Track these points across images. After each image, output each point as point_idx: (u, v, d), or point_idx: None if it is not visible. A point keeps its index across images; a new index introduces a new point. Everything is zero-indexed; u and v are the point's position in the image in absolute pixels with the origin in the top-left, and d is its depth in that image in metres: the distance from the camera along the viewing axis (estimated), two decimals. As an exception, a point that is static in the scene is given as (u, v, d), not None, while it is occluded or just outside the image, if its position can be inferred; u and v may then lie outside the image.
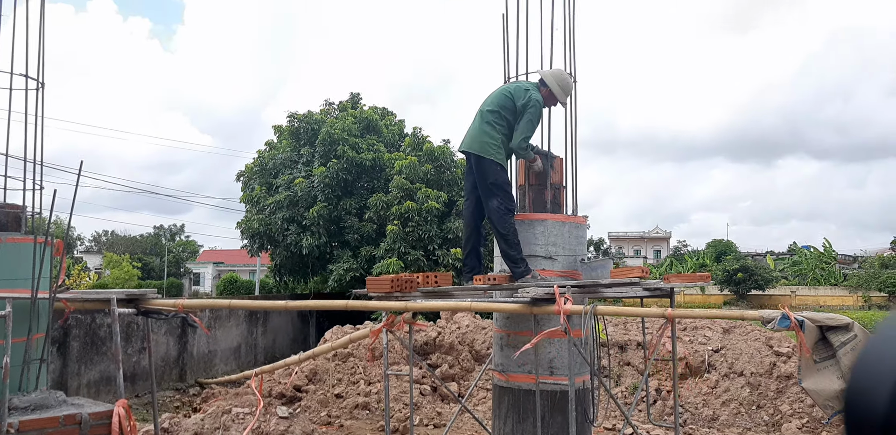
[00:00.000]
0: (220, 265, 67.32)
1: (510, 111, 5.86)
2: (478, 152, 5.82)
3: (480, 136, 5.85)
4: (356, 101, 21.31)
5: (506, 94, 5.92)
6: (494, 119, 5.85)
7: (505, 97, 5.90)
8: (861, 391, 0.97)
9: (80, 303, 5.71)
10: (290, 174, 18.66)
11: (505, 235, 5.70)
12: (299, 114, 19.60)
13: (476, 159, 5.87)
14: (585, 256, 6.25)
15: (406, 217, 16.67)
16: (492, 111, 5.89)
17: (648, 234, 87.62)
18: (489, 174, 5.82)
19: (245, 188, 19.96)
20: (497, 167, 5.84)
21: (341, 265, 17.23)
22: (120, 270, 46.64)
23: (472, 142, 5.91)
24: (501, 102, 5.88)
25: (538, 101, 5.85)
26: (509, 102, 5.86)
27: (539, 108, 5.89)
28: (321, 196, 17.72)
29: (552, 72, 6.17)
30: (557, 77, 6.12)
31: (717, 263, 46.21)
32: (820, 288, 42.11)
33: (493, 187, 5.81)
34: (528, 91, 5.89)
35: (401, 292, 5.52)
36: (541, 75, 6.16)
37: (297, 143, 19.42)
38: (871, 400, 0.94)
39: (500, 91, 6.03)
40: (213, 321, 12.64)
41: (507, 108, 5.86)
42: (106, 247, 67.94)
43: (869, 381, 0.95)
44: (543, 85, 6.07)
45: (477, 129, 5.90)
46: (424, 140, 19.37)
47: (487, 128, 5.84)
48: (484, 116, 5.91)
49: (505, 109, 5.86)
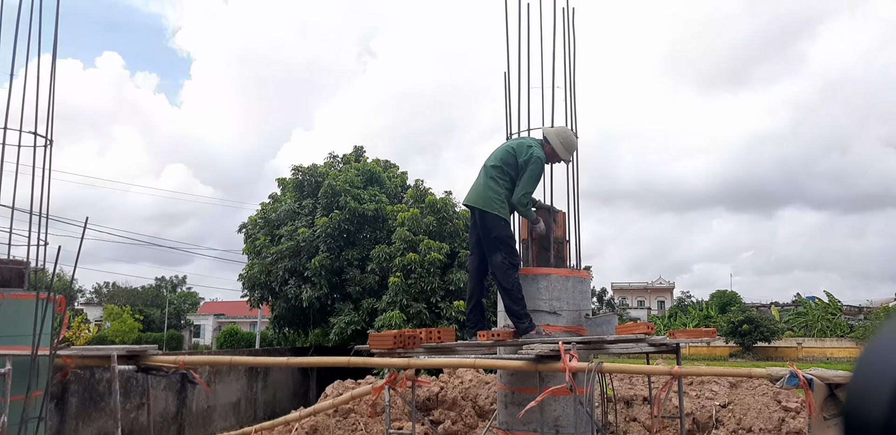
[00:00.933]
0: (220, 317, 66.86)
1: (513, 167, 5.92)
2: (482, 207, 5.85)
3: (484, 190, 5.89)
4: (360, 153, 21.53)
5: (509, 151, 5.99)
6: (498, 174, 5.91)
7: (508, 153, 5.97)
8: (861, 395, 0.96)
9: (81, 359, 5.65)
10: (293, 225, 18.71)
11: (509, 291, 5.67)
12: (303, 167, 19.79)
13: (480, 214, 5.90)
14: (590, 310, 6.21)
15: (408, 269, 16.63)
16: (495, 166, 5.95)
17: (652, 284, 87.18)
18: (493, 228, 5.84)
19: (248, 240, 19.99)
20: (501, 222, 5.86)
21: (343, 318, 17.10)
22: (120, 322, 46.31)
23: (476, 196, 5.95)
24: (505, 158, 5.95)
25: (540, 158, 5.91)
26: (512, 158, 5.93)
27: (541, 165, 5.95)
28: (323, 246, 17.72)
29: (556, 130, 6.26)
30: (561, 135, 6.20)
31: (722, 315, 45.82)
32: (826, 340, 41.63)
33: (497, 242, 5.82)
34: (531, 148, 5.96)
35: (403, 348, 5.47)
36: (544, 132, 6.24)
37: (300, 196, 19.55)
38: (870, 404, 0.93)
39: (503, 147, 6.11)
40: (212, 376, 12.48)
41: (510, 164, 5.92)
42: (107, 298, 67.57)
43: (868, 385, 0.95)
44: (547, 142, 6.14)
45: (481, 183, 5.95)
46: (426, 192, 19.48)
47: (491, 183, 5.89)
48: (488, 172, 5.96)
49: (508, 165, 5.92)
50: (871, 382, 0.94)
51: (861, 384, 0.97)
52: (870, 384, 0.94)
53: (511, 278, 5.72)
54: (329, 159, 21.14)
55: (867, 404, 0.93)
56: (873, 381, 0.93)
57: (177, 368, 5.52)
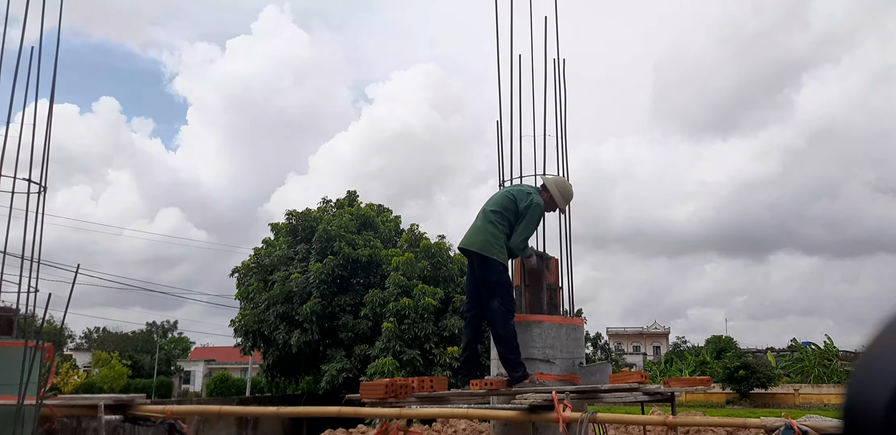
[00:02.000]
0: (211, 363, 65.96)
1: (512, 212, 5.94)
2: (480, 251, 5.83)
3: (483, 235, 5.88)
4: (353, 198, 21.63)
5: (509, 196, 6.02)
6: (497, 219, 5.92)
7: (508, 199, 6.00)
8: (860, 395, 0.95)
9: (67, 409, 5.56)
10: (287, 271, 18.65)
11: (504, 338, 5.63)
12: (297, 212, 19.85)
13: (478, 258, 5.88)
14: (583, 358, 6.16)
15: (402, 314, 16.53)
16: (495, 211, 5.96)
17: (647, 329, 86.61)
18: (491, 273, 5.82)
19: (241, 285, 19.90)
20: (500, 267, 5.84)
21: (334, 365, 16.91)
22: (109, 368, 45.66)
23: (474, 240, 5.94)
24: (504, 203, 5.98)
25: (539, 205, 5.96)
26: (512, 204, 5.95)
27: (540, 211, 6.00)
28: (316, 292, 17.64)
29: (555, 179, 6.33)
30: (560, 184, 6.27)
31: (718, 360, 45.41)
32: (823, 386, 41.20)
33: (496, 287, 5.79)
34: (531, 195, 6.01)
35: (395, 398, 5.40)
36: (543, 181, 6.31)
37: (294, 241, 19.55)
38: (870, 404, 0.92)
39: (503, 192, 6.15)
40: (201, 424, 12.26)
41: (510, 210, 5.94)
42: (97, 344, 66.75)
43: (868, 385, 0.94)
44: (545, 190, 6.20)
45: (479, 227, 5.95)
46: (421, 236, 19.52)
47: (490, 227, 5.89)
48: (487, 216, 5.97)
49: (507, 211, 5.94)
50: (871, 382, 0.94)
51: (860, 384, 0.96)
52: (869, 384, 0.94)
53: (507, 325, 5.69)
54: (322, 204, 21.22)
55: (866, 405, 0.93)
56: (873, 381, 0.93)
57: (164, 417, 5.43)
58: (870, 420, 0.91)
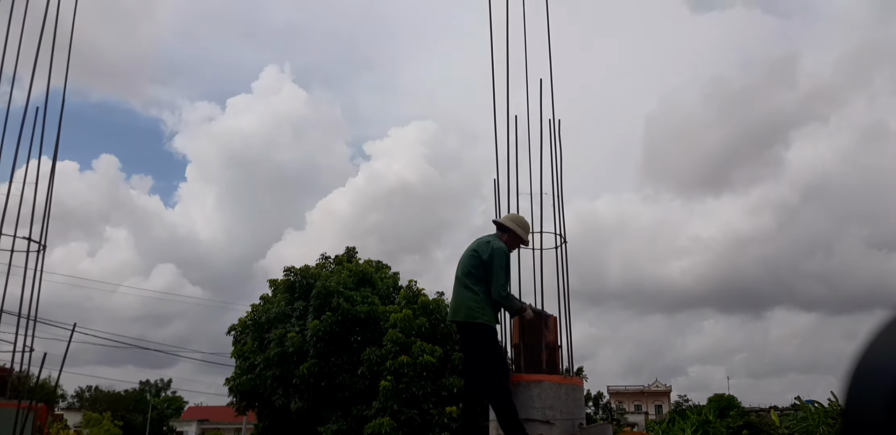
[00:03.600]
0: (204, 423, 64.59)
1: (481, 268, 5.93)
2: (465, 319, 5.81)
3: (463, 301, 5.88)
4: (352, 254, 21.63)
5: (472, 255, 6.03)
6: (471, 282, 5.91)
7: (472, 257, 6.01)
8: (859, 397, 0.94)
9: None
10: (284, 328, 18.49)
11: (499, 401, 5.58)
12: (295, 268, 19.82)
13: (465, 326, 5.87)
14: (583, 419, 6.08)
15: (400, 372, 16.31)
16: (466, 274, 5.96)
17: (648, 388, 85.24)
18: (480, 338, 5.79)
19: (236, 343, 19.69)
20: (487, 328, 5.81)
21: (331, 426, 16.59)
22: (100, 428, 44.70)
23: (457, 310, 5.93)
24: (472, 263, 5.98)
25: (501, 249, 5.99)
26: (478, 260, 5.96)
27: (504, 254, 6.01)
28: (313, 351, 17.44)
29: (508, 216, 6.46)
30: (514, 219, 6.37)
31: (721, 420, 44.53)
32: (830, 446, 40.29)
33: (486, 350, 5.76)
34: (489, 243, 6.05)
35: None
36: (499, 222, 6.37)
37: (291, 297, 19.45)
38: (868, 406, 0.91)
39: (466, 254, 6.13)
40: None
41: (478, 267, 5.94)
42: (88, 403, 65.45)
43: (866, 387, 0.93)
44: (503, 231, 6.24)
45: (458, 296, 5.96)
46: (419, 293, 19.43)
47: (467, 292, 5.88)
48: (461, 282, 5.97)
49: (476, 268, 5.94)
50: (869, 384, 0.94)
51: (859, 386, 0.96)
52: (867, 386, 0.94)
53: (502, 388, 5.63)
54: (321, 260, 21.20)
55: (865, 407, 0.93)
56: (871, 383, 0.93)
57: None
58: (869, 424, 0.92)
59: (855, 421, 0.96)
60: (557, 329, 6.34)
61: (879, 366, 0.95)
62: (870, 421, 0.92)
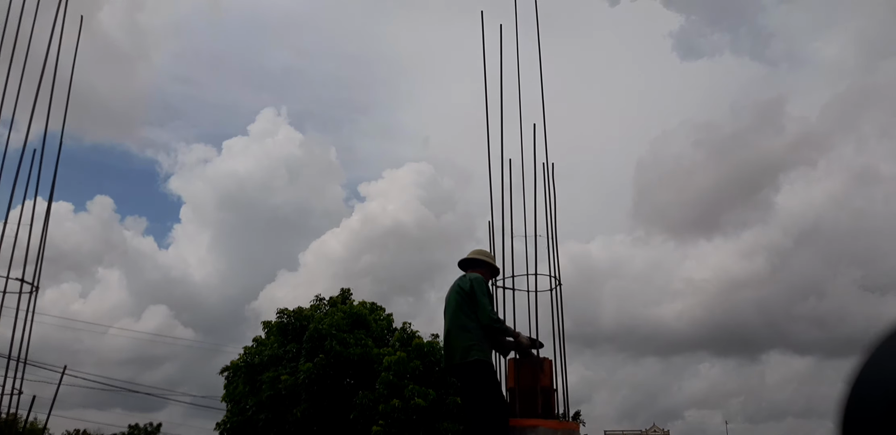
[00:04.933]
0: (193, 468, 63.14)
1: (468, 302, 5.87)
2: (460, 361, 5.66)
3: (458, 343, 5.74)
4: (346, 296, 21.51)
5: (457, 292, 5.98)
6: (463, 322, 5.80)
7: (458, 294, 5.95)
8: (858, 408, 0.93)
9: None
10: (276, 371, 18.27)
11: None
12: (289, 310, 19.69)
13: (462, 368, 5.69)
14: (580, 465, 5.98)
15: (392, 417, 16.06)
16: (457, 314, 5.86)
17: (646, 433, 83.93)
18: (476, 375, 5.63)
19: (228, 386, 19.42)
20: (483, 364, 5.66)
21: (324, 472, 16.29)
22: (86, 474, 43.68)
23: (452, 355, 5.78)
24: (459, 301, 5.90)
25: (479, 278, 5.99)
26: (463, 295, 5.90)
27: (484, 283, 6.01)
28: (305, 394, 17.20)
29: (474, 251, 6.48)
30: (479, 252, 6.47)
31: (720, 466, 43.77)
32: (831, 493, 39.66)
33: (483, 388, 5.61)
34: (466, 276, 6.07)
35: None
36: (469, 259, 6.37)
37: (284, 340, 19.27)
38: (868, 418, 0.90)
39: (453, 295, 6.05)
40: None
41: (465, 301, 5.87)
42: (75, 447, 64.00)
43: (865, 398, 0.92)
44: (477, 266, 6.27)
45: (451, 340, 5.83)
46: (413, 335, 19.29)
47: (461, 333, 5.76)
48: (453, 323, 5.86)
49: (464, 304, 5.86)
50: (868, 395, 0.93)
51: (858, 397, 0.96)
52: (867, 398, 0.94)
53: (500, 426, 5.52)
54: (315, 302, 21.08)
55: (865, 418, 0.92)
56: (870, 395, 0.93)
57: None
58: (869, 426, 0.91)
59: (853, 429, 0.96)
60: (553, 372, 6.29)
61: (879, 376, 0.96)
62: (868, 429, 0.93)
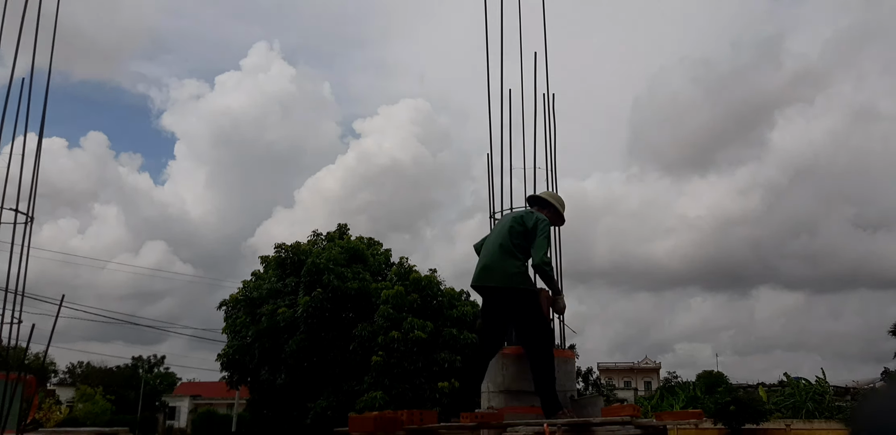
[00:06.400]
0: (197, 398, 64.89)
1: (524, 236, 5.83)
2: (509, 285, 5.67)
3: (505, 267, 5.72)
4: (343, 231, 21.56)
5: (517, 221, 5.94)
6: (515, 249, 5.79)
7: (517, 223, 5.91)
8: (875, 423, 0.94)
9: (48, 444, 5.45)
10: (275, 304, 18.48)
11: (549, 371, 5.54)
12: (286, 245, 19.75)
13: (507, 293, 5.70)
14: (575, 391, 6.11)
15: (391, 348, 16.35)
16: (507, 241, 5.82)
17: (638, 365, 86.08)
18: (525, 305, 5.70)
19: (228, 318, 19.70)
20: (532, 295, 5.76)
21: (321, 402, 16.67)
22: (92, 403, 44.85)
23: (495, 276, 5.75)
24: (516, 230, 5.87)
25: (546, 220, 5.94)
26: (522, 228, 5.86)
27: (549, 225, 5.96)
28: (303, 326, 17.45)
29: (548, 192, 6.39)
30: (554, 196, 6.34)
31: (709, 396, 45.00)
32: (815, 421, 40.77)
33: (531, 317, 5.69)
34: (534, 214, 6.00)
35: (384, 432, 5.31)
36: (541, 197, 6.30)
37: (283, 274, 19.41)
38: None
39: (508, 222, 6.02)
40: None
41: (521, 234, 5.84)
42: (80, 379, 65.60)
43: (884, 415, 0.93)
44: (544, 207, 6.20)
45: (498, 261, 5.77)
46: (411, 269, 19.43)
47: (509, 258, 5.75)
48: (502, 247, 5.80)
49: (519, 236, 5.83)
50: None
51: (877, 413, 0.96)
52: None
53: (550, 354, 5.62)
54: (313, 237, 21.13)
55: None
56: None
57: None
58: None
59: None
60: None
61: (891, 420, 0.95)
62: None
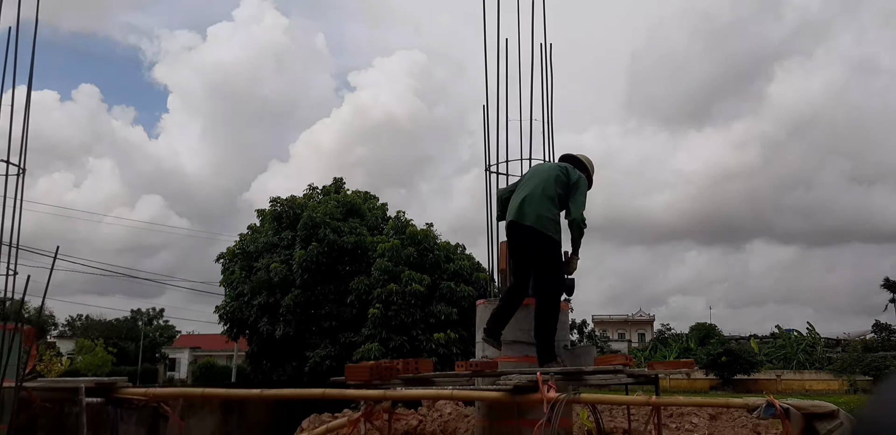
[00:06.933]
0: (196, 350, 65.78)
1: (566, 187, 5.88)
2: (542, 229, 5.74)
3: (542, 211, 5.77)
4: (339, 185, 21.49)
5: (562, 171, 5.97)
6: (555, 196, 5.83)
7: (562, 174, 5.94)
8: None
9: (48, 392, 5.51)
10: (271, 258, 18.55)
11: (552, 319, 5.63)
12: (282, 198, 19.71)
13: (537, 236, 5.76)
14: (568, 341, 6.18)
15: (389, 301, 16.48)
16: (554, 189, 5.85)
17: (632, 317, 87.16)
18: (548, 252, 5.79)
19: (225, 271, 19.79)
20: (558, 245, 5.85)
21: (318, 352, 16.88)
22: (93, 355, 45.41)
23: (528, 215, 5.78)
24: (562, 180, 5.91)
25: (587, 178, 6.03)
26: (565, 178, 5.91)
27: (588, 185, 6.04)
28: (300, 281, 17.55)
29: (584, 156, 6.35)
30: (589, 161, 6.35)
31: (702, 347, 45.79)
32: (805, 372, 41.67)
33: (550, 266, 5.78)
34: (576, 170, 6.04)
35: (380, 380, 5.39)
36: (576, 157, 6.30)
37: (279, 227, 19.42)
38: None
39: (554, 170, 6.03)
40: (186, 410, 12.20)
41: (563, 184, 5.89)
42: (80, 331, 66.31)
43: None
44: (576, 167, 6.18)
45: (537, 202, 5.80)
46: (408, 223, 19.44)
47: (549, 204, 5.80)
48: (546, 192, 5.83)
49: (561, 186, 5.88)
50: None
51: None
52: None
53: (557, 305, 5.73)
54: (308, 191, 21.07)
55: None
56: None
57: (146, 400, 5.40)
58: None
59: None
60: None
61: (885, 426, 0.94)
62: None
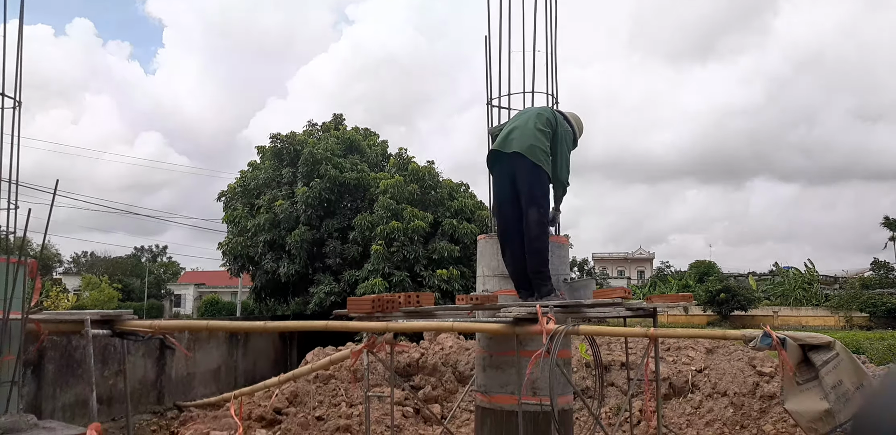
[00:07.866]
0: (201, 287, 66.71)
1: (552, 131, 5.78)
2: (530, 157, 5.58)
3: (531, 139, 5.62)
4: (339, 122, 21.29)
5: (548, 116, 5.84)
6: (544, 129, 5.71)
7: (549, 115, 5.84)
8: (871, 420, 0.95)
9: (54, 324, 5.59)
10: (272, 194, 18.54)
11: (541, 251, 5.57)
12: (282, 135, 19.54)
13: (526, 164, 5.61)
14: (568, 275, 6.22)
15: (391, 237, 16.56)
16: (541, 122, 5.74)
17: (632, 255, 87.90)
18: (535, 182, 5.67)
19: (227, 208, 19.82)
20: (545, 176, 5.71)
21: (322, 288, 17.07)
22: (99, 292, 46.10)
23: (519, 143, 5.63)
24: (549, 119, 5.80)
25: (572, 134, 5.92)
26: (551, 123, 5.79)
27: (572, 143, 5.95)
28: (303, 217, 17.60)
29: (575, 115, 6.20)
30: (576, 118, 6.16)
31: (700, 284, 46.33)
32: (802, 308, 42.29)
33: (539, 196, 5.68)
34: (566, 123, 5.92)
35: (382, 313, 5.46)
36: (564, 114, 6.14)
37: (279, 164, 19.34)
38: None
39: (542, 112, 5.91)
40: (192, 343, 12.44)
41: (551, 126, 5.78)
42: (85, 268, 67.11)
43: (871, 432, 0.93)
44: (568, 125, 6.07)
45: (529, 131, 5.67)
46: (409, 160, 19.35)
47: (539, 135, 5.67)
48: (536, 123, 5.71)
49: (549, 126, 5.76)
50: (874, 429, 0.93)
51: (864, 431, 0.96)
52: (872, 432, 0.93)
53: (546, 236, 5.66)
54: (308, 127, 20.89)
55: None
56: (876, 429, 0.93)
57: (152, 333, 5.48)
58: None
59: None
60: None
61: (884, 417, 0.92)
62: None
